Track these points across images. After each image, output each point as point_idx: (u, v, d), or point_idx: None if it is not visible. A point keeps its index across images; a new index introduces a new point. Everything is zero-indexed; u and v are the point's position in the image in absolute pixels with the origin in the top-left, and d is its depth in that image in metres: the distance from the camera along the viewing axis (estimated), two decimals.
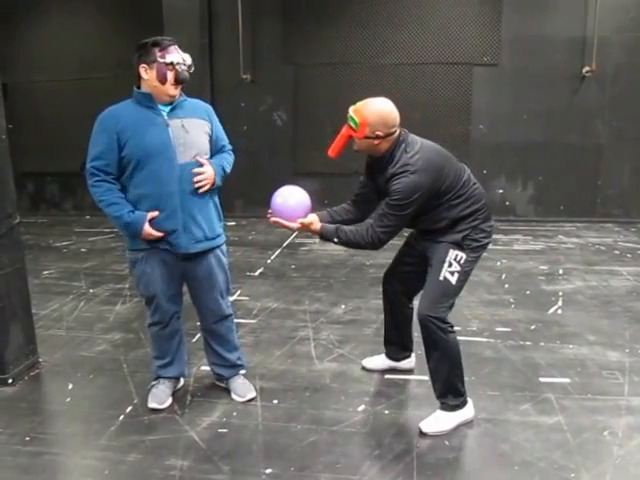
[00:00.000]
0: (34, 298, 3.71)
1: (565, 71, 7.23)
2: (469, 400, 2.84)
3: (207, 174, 2.76)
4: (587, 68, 7.09)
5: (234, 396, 3.09)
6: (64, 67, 8.13)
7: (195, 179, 2.72)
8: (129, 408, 3.01)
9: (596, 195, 7.51)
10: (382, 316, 3.30)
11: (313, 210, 2.80)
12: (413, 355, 3.37)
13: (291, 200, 2.76)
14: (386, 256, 3.46)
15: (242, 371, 3.20)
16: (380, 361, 3.38)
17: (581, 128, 7.36)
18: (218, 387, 3.21)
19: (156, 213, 2.70)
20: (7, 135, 3.31)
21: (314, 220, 2.74)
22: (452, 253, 2.70)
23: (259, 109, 7.67)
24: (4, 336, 3.28)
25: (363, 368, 3.39)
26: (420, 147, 2.63)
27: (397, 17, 7.39)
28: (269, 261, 5.81)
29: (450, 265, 2.69)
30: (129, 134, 2.63)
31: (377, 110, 2.60)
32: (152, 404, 2.99)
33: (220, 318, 3.00)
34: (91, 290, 5.00)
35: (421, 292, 2.83)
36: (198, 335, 3.87)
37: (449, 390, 2.78)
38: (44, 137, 8.27)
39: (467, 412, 2.82)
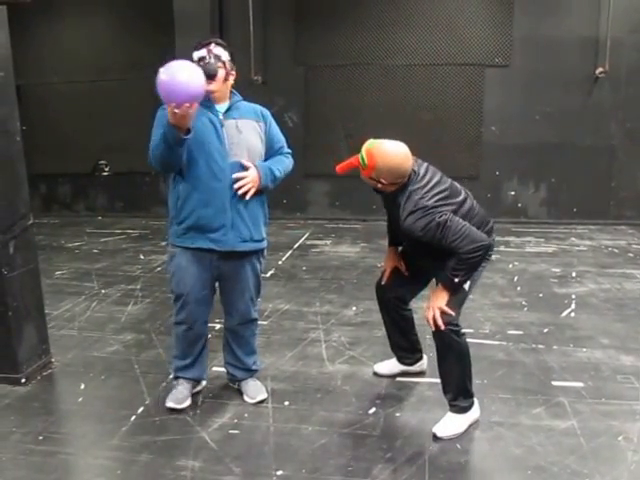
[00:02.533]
0: (47, 298, 3.74)
1: (578, 72, 7.19)
2: (475, 400, 2.84)
3: (250, 178, 2.76)
4: (600, 69, 7.05)
5: (245, 397, 3.09)
6: (77, 69, 8.18)
7: (236, 185, 2.73)
8: (141, 409, 3.02)
9: (609, 197, 7.45)
10: None
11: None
12: (425, 357, 3.35)
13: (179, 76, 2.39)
14: None
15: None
16: (391, 366, 3.36)
17: (594, 129, 7.31)
18: (229, 388, 3.21)
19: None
20: (21, 137, 3.33)
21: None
22: None
23: (270, 110, 7.67)
24: (17, 336, 3.30)
25: (375, 374, 3.36)
26: (427, 189, 2.61)
27: (408, 18, 7.38)
28: (280, 262, 5.82)
29: None
30: None
31: (387, 160, 2.56)
32: (170, 403, 2.98)
33: (246, 321, 3.02)
34: (103, 291, 5.02)
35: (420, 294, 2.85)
36: (209, 336, 3.88)
37: (461, 392, 2.77)
38: (57, 138, 8.32)
39: (475, 412, 2.82)
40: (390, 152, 2.59)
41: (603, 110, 7.24)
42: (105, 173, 8.46)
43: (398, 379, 3.30)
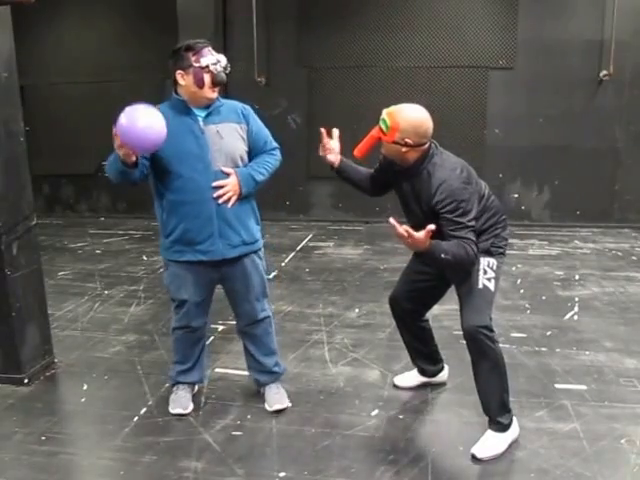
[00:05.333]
0: (49, 299, 3.74)
1: (582, 75, 7.17)
2: (514, 417, 2.73)
3: (230, 186, 2.71)
4: (604, 72, 7.02)
5: (265, 405, 3.03)
6: (81, 70, 8.18)
7: (216, 194, 2.68)
8: (143, 409, 3.02)
9: (613, 200, 7.43)
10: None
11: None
12: (446, 367, 3.25)
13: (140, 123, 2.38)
14: (400, 260, 3.46)
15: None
16: (412, 378, 3.26)
17: (598, 132, 7.29)
18: (232, 390, 3.21)
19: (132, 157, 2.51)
20: (25, 137, 3.34)
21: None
22: (484, 261, 2.64)
23: (273, 112, 7.69)
24: (20, 336, 3.30)
25: (395, 386, 3.25)
26: (454, 162, 2.59)
27: (412, 20, 7.37)
28: (283, 264, 5.82)
29: (485, 272, 2.63)
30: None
31: (411, 118, 2.54)
32: (177, 409, 2.96)
33: (254, 321, 2.98)
34: (106, 291, 5.02)
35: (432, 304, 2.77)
36: (212, 337, 3.88)
37: (502, 407, 2.64)
38: (60, 139, 8.32)
39: (515, 430, 2.71)
40: (412, 110, 2.56)
41: (607, 113, 7.22)
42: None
43: None
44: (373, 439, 2.75)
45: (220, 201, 2.70)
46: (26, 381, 3.30)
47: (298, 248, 6.50)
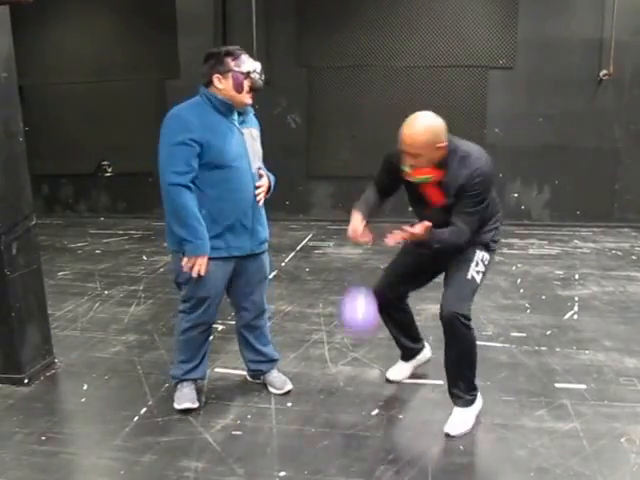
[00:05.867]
0: (49, 299, 3.74)
1: (582, 74, 7.17)
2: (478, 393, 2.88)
3: (265, 186, 2.89)
4: (604, 71, 7.03)
5: (271, 389, 3.16)
6: (80, 70, 8.18)
7: (257, 192, 2.84)
8: (144, 409, 3.02)
9: (613, 200, 7.43)
10: None
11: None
12: (427, 344, 3.36)
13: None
14: None
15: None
16: (401, 368, 3.32)
17: (598, 132, 7.29)
18: (232, 389, 3.22)
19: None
20: (24, 137, 3.34)
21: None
22: (479, 254, 2.77)
23: (273, 112, 7.69)
24: (20, 336, 3.30)
25: (387, 380, 3.30)
26: (475, 148, 2.70)
27: (412, 20, 7.37)
28: (283, 264, 5.82)
29: (477, 265, 2.75)
30: (208, 138, 2.66)
31: (422, 132, 2.56)
32: (185, 404, 2.97)
33: (261, 312, 3.11)
34: (106, 291, 5.02)
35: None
36: (211, 337, 3.88)
37: (470, 385, 2.79)
38: (60, 139, 8.32)
39: (479, 402, 2.87)
40: (416, 127, 2.58)
41: (607, 112, 7.23)
42: (108, 174, 8.46)
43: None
44: (373, 438, 2.75)
45: (257, 198, 2.84)
46: (26, 381, 3.29)
47: (298, 248, 6.50)
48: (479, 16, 7.24)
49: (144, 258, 6.15)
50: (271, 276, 5.33)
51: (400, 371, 3.32)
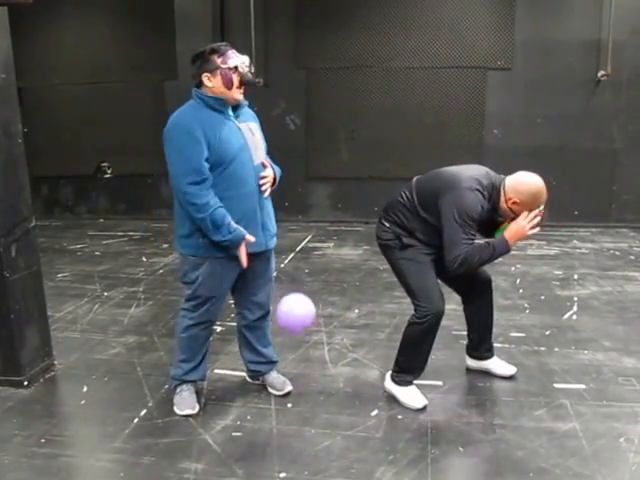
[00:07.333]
0: (49, 301, 3.73)
1: (580, 75, 7.18)
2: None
3: (270, 177, 2.86)
4: (602, 72, 7.04)
5: (271, 390, 3.15)
6: (79, 71, 8.18)
7: (261, 182, 2.82)
8: (143, 411, 3.02)
9: (611, 200, 7.44)
10: (395, 320, 3.30)
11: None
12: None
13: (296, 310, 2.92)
14: None
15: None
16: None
17: (596, 133, 7.30)
18: (232, 390, 3.21)
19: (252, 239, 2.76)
20: (23, 139, 3.34)
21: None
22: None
23: (272, 113, 7.70)
24: (20, 338, 3.30)
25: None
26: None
27: (410, 21, 7.39)
28: (283, 265, 5.82)
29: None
30: (209, 137, 2.66)
31: (529, 191, 3.08)
32: (186, 410, 2.96)
33: (265, 312, 3.10)
34: (105, 293, 5.02)
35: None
36: (210, 339, 3.88)
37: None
38: (58, 141, 8.32)
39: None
40: (525, 184, 3.09)
41: (605, 113, 7.24)
42: (107, 175, 8.46)
43: None
44: (373, 439, 2.75)
45: (263, 189, 2.82)
46: (26, 383, 3.29)
47: (297, 249, 6.50)
48: (477, 17, 7.25)
49: (144, 259, 6.15)
50: None
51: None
